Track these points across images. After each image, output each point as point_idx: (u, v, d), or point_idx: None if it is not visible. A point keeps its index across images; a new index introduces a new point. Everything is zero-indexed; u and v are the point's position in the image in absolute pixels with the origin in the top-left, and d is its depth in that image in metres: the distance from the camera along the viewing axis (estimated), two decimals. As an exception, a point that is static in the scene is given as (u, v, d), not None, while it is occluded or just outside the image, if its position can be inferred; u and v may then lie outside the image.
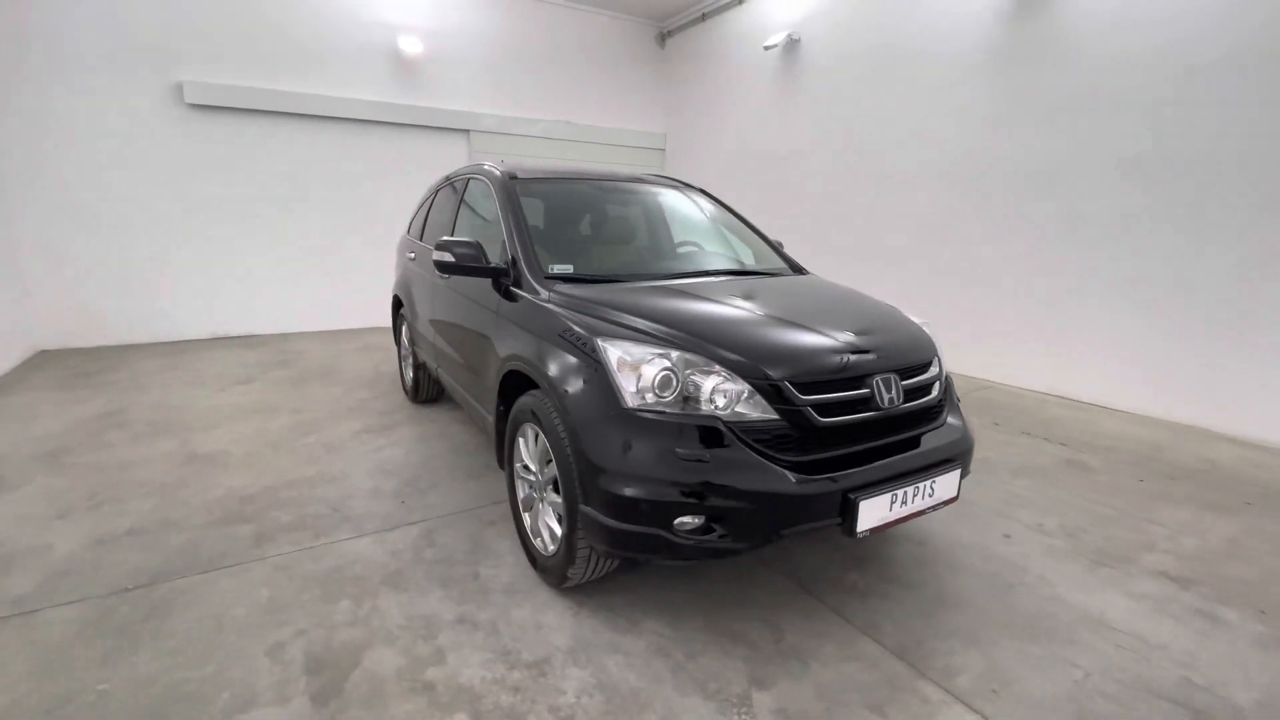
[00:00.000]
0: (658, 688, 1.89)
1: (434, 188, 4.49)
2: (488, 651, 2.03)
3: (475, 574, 2.47)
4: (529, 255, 2.69)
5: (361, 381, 5.34)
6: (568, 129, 8.76)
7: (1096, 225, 4.79)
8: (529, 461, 2.45)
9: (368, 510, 3.00)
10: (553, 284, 2.53)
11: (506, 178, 3.16)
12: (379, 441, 3.92)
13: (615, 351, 2.02)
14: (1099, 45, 4.63)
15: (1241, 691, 1.91)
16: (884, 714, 1.80)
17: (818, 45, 6.86)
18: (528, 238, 2.79)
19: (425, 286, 3.90)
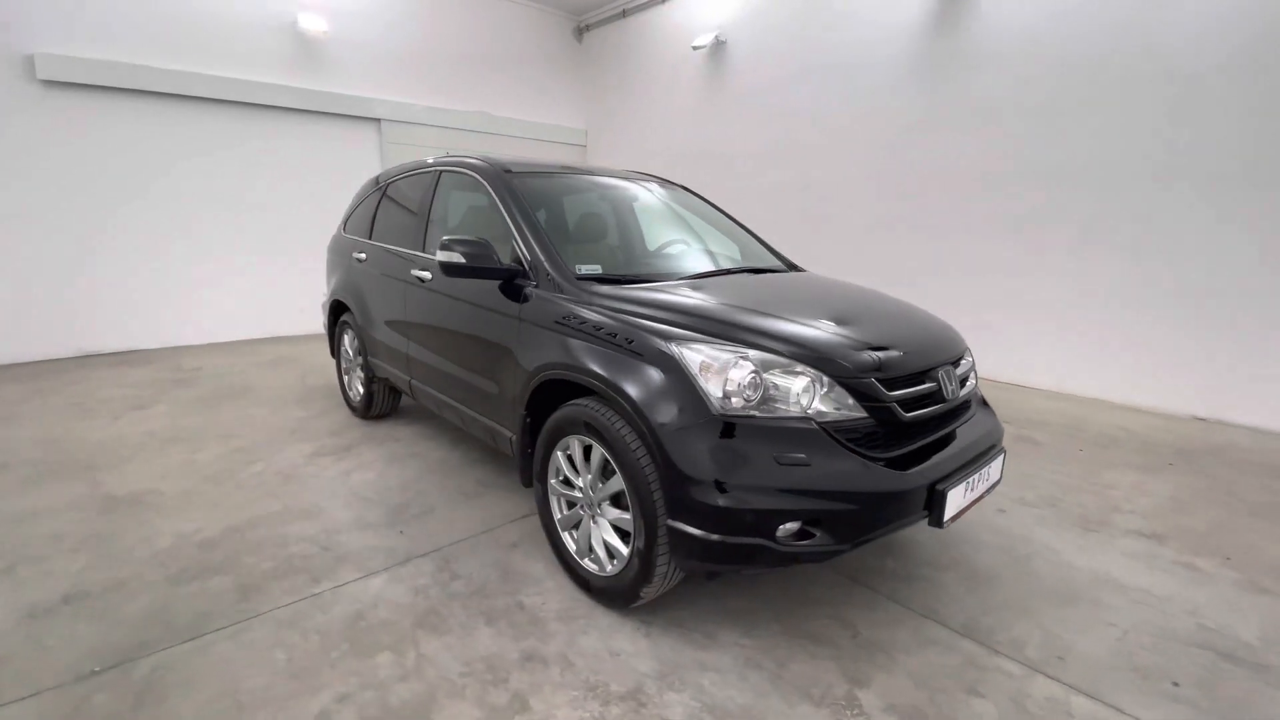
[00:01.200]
0: (765, 701, 1.83)
1: (380, 181, 4.08)
2: (571, 689, 1.86)
3: (519, 604, 2.26)
4: (553, 256, 2.50)
5: (289, 399, 4.75)
6: (486, 121, 8.36)
7: (1014, 222, 5.32)
8: (573, 476, 2.28)
9: (364, 545, 2.65)
10: (587, 286, 2.37)
11: (502, 171, 2.93)
12: (341, 466, 3.49)
13: (696, 356, 1.92)
14: (1014, 58, 5.12)
15: (1245, 630, 2.18)
16: (982, 695, 1.87)
17: (747, 47, 7.04)
18: (546, 237, 2.59)
19: (390, 290, 3.52)
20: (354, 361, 4.23)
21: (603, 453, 2.11)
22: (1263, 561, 2.62)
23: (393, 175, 3.96)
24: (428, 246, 3.31)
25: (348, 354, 4.33)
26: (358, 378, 4.22)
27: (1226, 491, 3.32)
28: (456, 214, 3.32)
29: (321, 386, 5.11)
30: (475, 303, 2.75)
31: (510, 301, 2.56)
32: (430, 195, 3.37)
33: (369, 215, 4.06)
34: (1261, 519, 3.01)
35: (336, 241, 4.51)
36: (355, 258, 4.01)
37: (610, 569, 2.18)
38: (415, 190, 3.59)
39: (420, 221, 3.38)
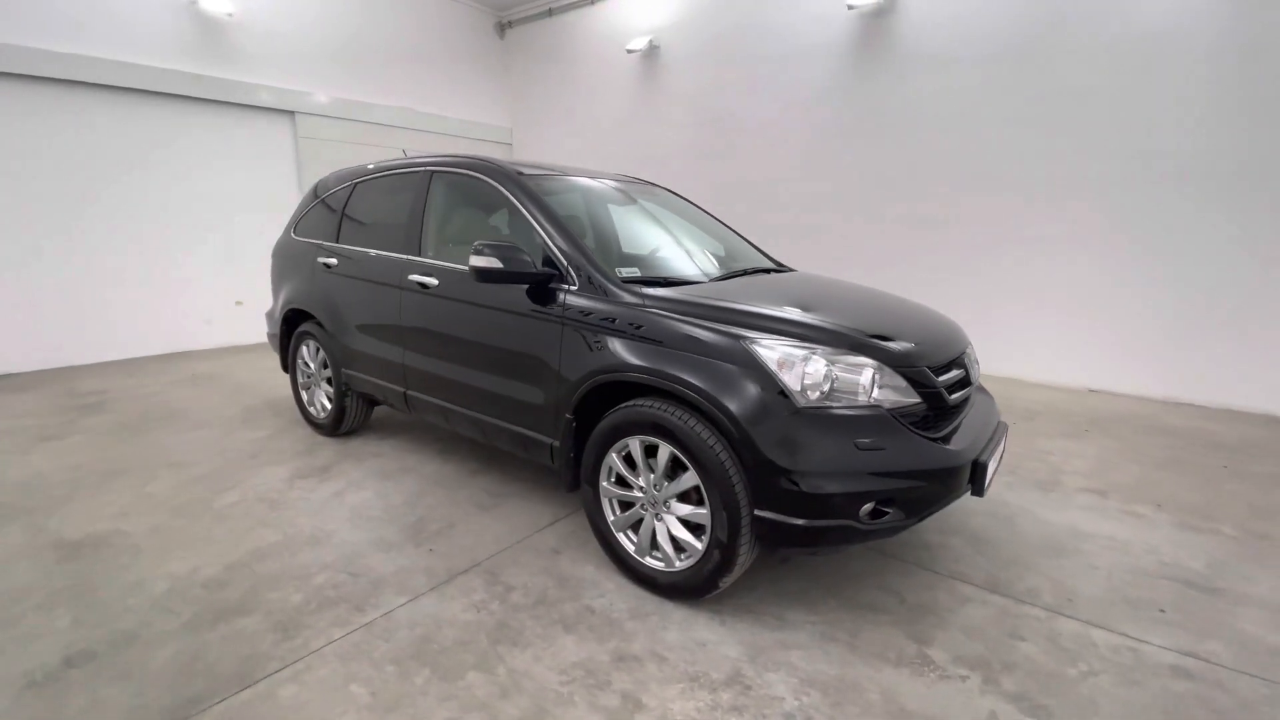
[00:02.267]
0: (852, 670, 1.98)
1: (344, 183, 3.81)
2: (675, 682, 1.91)
3: (588, 608, 2.26)
4: (593, 259, 2.51)
5: (232, 420, 4.31)
6: (410, 117, 7.96)
7: (930, 223, 5.91)
8: (631, 477, 2.32)
9: (396, 567, 2.51)
10: (633, 289, 2.40)
11: (515, 173, 2.87)
12: (329, 487, 3.25)
13: (772, 353, 2.03)
14: (937, 66, 5.68)
15: (1193, 562, 2.64)
16: (1024, 638, 2.13)
17: (681, 52, 7.24)
18: (578, 240, 2.59)
19: (376, 297, 3.32)
20: (318, 375, 3.93)
21: (671, 451, 2.16)
22: (1184, 505, 3.16)
23: (360, 175, 3.72)
24: (425, 250, 3.16)
25: (307, 367, 4.01)
26: (323, 392, 3.92)
27: (1136, 450, 3.94)
28: (457, 217, 3.20)
29: (262, 404, 4.67)
30: (501, 308, 2.68)
31: (545, 306, 2.53)
32: (422, 197, 3.21)
33: (333, 218, 3.79)
34: (1170, 471, 3.61)
35: (286, 246, 4.15)
36: (321, 263, 3.72)
37: (680, 564, 2.24)
38: (399, 192, 3.41)
39: (412, 225, 3.21)
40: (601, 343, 2.35)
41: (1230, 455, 3.84)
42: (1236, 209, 4.57)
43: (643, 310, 2.30)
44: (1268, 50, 4.34)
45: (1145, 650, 2.08)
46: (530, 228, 2.70)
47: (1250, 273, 4.59)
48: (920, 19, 5.68)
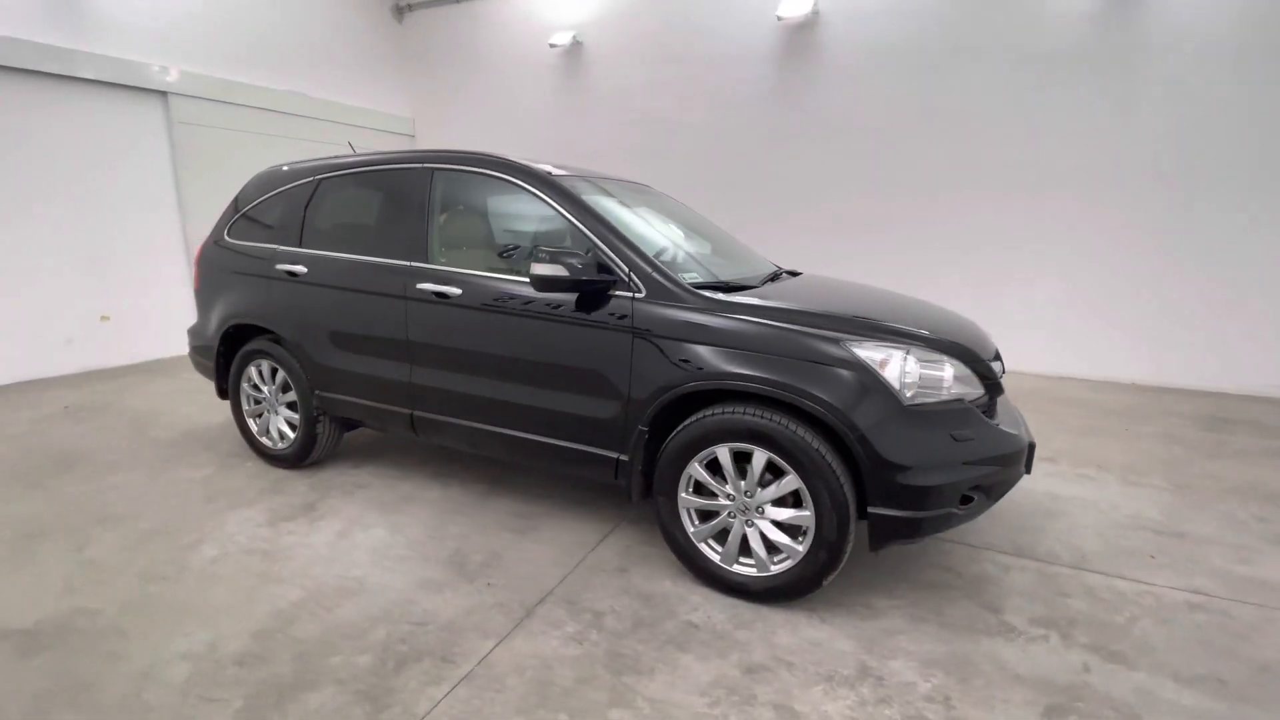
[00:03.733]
0: (956, 645, 2.12)
1: (299, 180, 3.34)
2: (813, 684, 1.94)
3: (690, 624, 2.22)
4: (658, 264, 2.44)
5: (153, 459, 3.63)
6: (302, 103, 7.12)
7: (848, 226, 6.40)
8: (716, 485, 2.29)
9: (462, 608, 2.28)
10: (704, 294, 2.37)
11: (547, 174, 2.70)
12: (327, 528, 2.86)
13: (875, 353, 2.11)
14: (862, 77, 6.12)
15: (1150, 512, 3.14)
16: (1069, 594, 2.42)
17: (607, 50, 7.16)
18: (637, 245, 2.50)
19: (371, 310, 2.95)
20: (274, 399, 3.42)
21: (768, 456, 2.18)
22: (1117, 465, 3.73)
23: (324, 170, 3.28)
24: (433, 256, 2.87)
25: (257, 391, 3.47)
26: (282, 418, 3.42)
27: (1057, 421, 4.58)
28: (474, 220, 2.94)
29: (181, 437, 3.98)
30: (551, 319, 2.52)
31: (606, 316, 2.42)
32: (425, 197, 2.90)
33: (291, 219, 3.30)
34: (1090, 437, 4.25)
35: (218, 253, 3.56)
36: (282, 271, 3.23)
37: (775, 567, 2.26)
38: (389, 191, 3.06)
39: (415, 228, 2.89)
40: (683, 352, 2.29)
41: (1124, 420, 4.60)
42: (1122, 208, 5.42)
43: (723, 316, 2.28)
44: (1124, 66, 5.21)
45: (1160, 592, 2.46)
46: (575, 232, 2.56)
47: (1130, 260, 5.49)
48: (841, 34, 6.11)
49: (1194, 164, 5.07)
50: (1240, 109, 4.89)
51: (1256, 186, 4.92)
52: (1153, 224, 5.30)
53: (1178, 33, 4.98)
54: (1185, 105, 5.03)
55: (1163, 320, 5.37)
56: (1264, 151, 4.86)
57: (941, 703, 1.88)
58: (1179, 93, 5.03)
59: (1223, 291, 5.16)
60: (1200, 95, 4.98)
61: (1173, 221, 5.22)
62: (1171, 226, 5.23)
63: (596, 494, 3.21)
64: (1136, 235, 5.36)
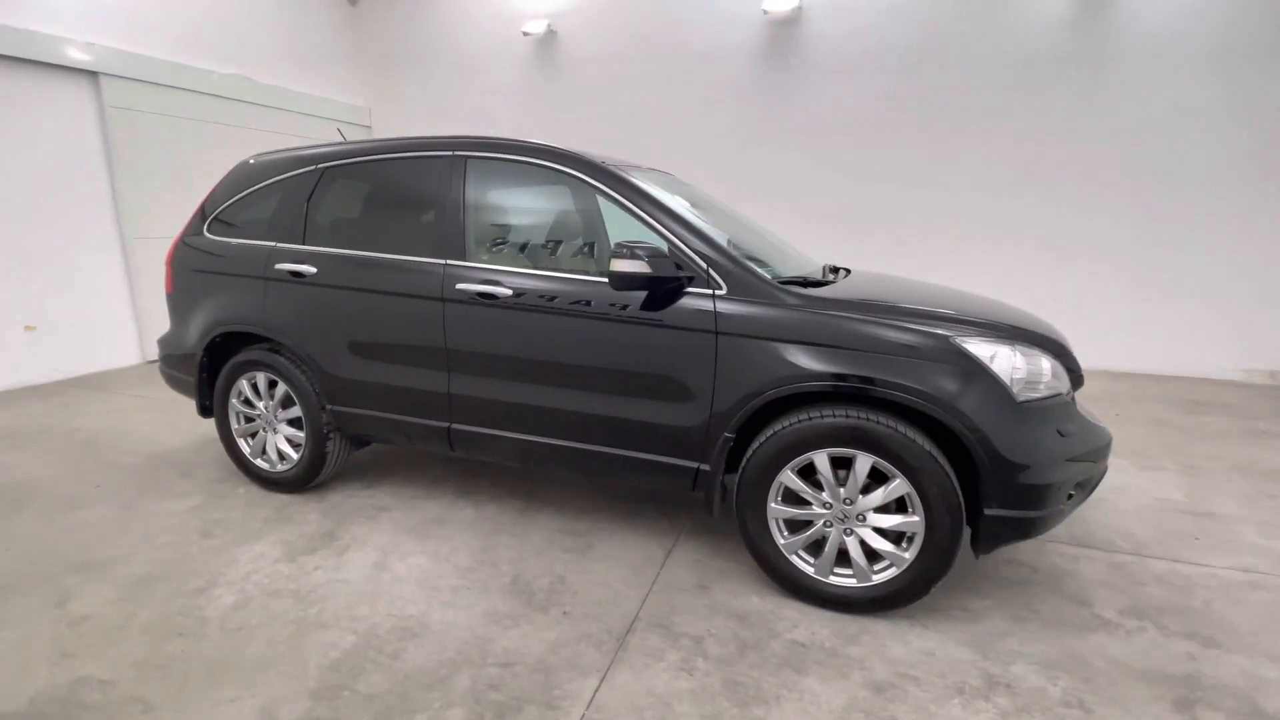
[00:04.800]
0: (1066, 643, 2.09)
1: (297, 169, 2.97)
2: (949, 699, 1.85)
3: (797, 643, 2.08)
4: (742, 261, 2.28)
5: (121, 488, 3.16)
6: (247, 87, 6.48)
7: (831, 223, 6.45)
8: (814, 493, 2.17)
9: (546, 644, 2.06)
10: (791, 291, 2.24)
11: (603, 165, 2.50)
12: (360, 559, 2.55)
13: (984, 350, 2.04)
14: (839, 79, 6.15)
15: (1174, 494, 3.26)
16: (1143, 582, 2.44)
17: (583, 41, 6.90)
18: (716, 240, 2.33)
19: (401, 313, 2.65)
20: (272, 416, 3.03)
21: (872, 461, 2.07)
22: (1128, 451, 3.88)
23: (326, 159, 2.93)
24: (471, 254, 2.60)
25: (247, 408, 3.07)
26: (282, 436, 3.05)
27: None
28: (519, 213, 2.68)
29: (147, 462, 3.49)
30: (621, 320, 2.32)
31: (684, 315, 2.25)
32: (458, 189, 2.62)
33: (291, 213, 2.93)
34: (1088, 422, 4.41)
35: (196, 252, 3.13)
36: (283, 272, 2.86)
37: (878, 576, 2.16)
38: (412, 182, 2.76)
39: (448, 222, 2.61)
40: (778, 352, 2.15)
41: (1113, 405, 4.82)
42: (1096, 206, 5.67)
43: (820, 313, 2.16)
44: (1095, 68, 5.47)
45: (1219, 573, 2.53)
46: (642, 226, 2.37)
47: (1104, 255, 5.76)
48: (824, 31, 6.12)
49: (1163, 163, 5.38)
50: (1206, 110, 5.21)
51: (1221, 185, 5.26)
52: (1124, 221, 5.59)
53: (1147, 36, 5.26)
54: (1154, 106, 5.32)
55: (1135, 310, 5.68)
56: (1229, 151, 5.19)
57: (1078, 707, 1.83)
58: (1148, 94, 5.32)
59: (1189, 283, 5.50)
60: (1168, 96, 5.28)
61: (1141, 218, 5.52)
62: (1140, 223, 5.53)
63: (645, 504, 3.03)
64: (1109, 232, 5.64)
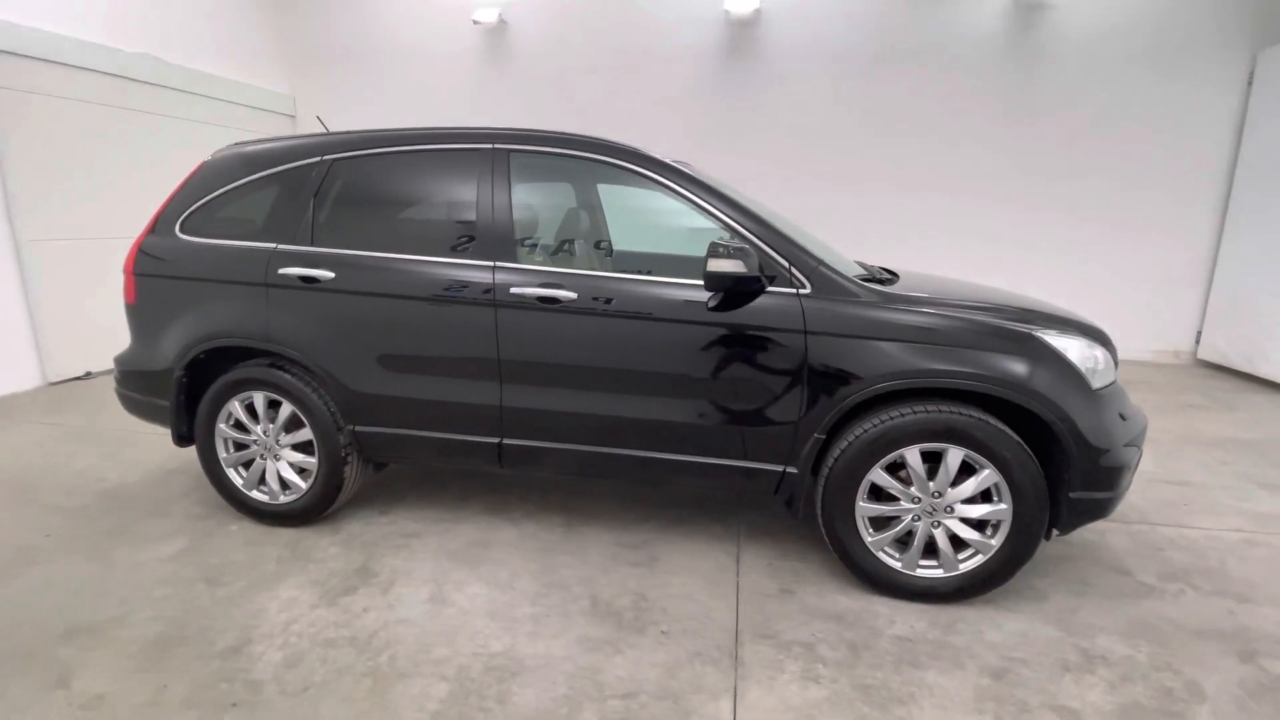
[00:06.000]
0: (1130, 611, 2.25)
1: (300, 159, 2.64)
2: (1059, 677, 1.93)
3: (901, 639, 2.10)
4: (819, 259, 2.26)
5: (82, 539, 2.68)
6: (155, 69, 5.70)
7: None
8: (901, 489, 2.20)
9: (659, 665, 1.95)
10: (872, 288, 2.25)
11: (661, 159, 2.40)
12: (413, 595, 2.29)
13: (1060, 341, 2.15)
14: (789, 86, 6.31)
15: (1144, 464, 3.61)
16: (1164, 548, 2.68)
17: (535, 32, 6.65)
18: (794, 239, 2.30)
19: (450, 320, 2.40)
20: (273, 441, 2.67)
21: (964, 453, 2.13)
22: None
23: (333, 149, 2.61)
24: (522, 255, 2.41)
25: (239, 433, 2.69)
26: (286, 463, 2.69)
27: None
28: (571, 212, 2.51)
29: (100, 501, 2.98)
30: (700, 322, 2.23)
31: (766, 316, 2.20)
32: (503, 185, 2.42)
33: (293, 211, 2.58)
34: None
35: (164, 255, 2.70)
36: (290, 277, 2.51)
37: (964, 565, 2.22)
38: (443, 177, 2.52)
39: (498, 221, 2.40)
40: (869, 350, 2.15)
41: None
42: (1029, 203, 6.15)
43: (907, 310, 2.19)
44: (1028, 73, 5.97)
45: (1218, 534, 2.82)
46: (719, 224, 2.30)
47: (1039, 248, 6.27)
48: (782, 34, 6.26)
49: (1085, 163, 5.95)
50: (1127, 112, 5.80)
51: (1138, 185, 5.89)
52: (1049, 217, 6.13)
53: (1076, 42, 5.77)
54: (1079, 109, 5.86)
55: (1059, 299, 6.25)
56: (1145, 152, 5.81)
57: (1168, 669, 1.97)
58: (1074, 98, 5.86)
59: (1106, 273, 6.13)
60: (1091, 100, 5.83)
61: (1068, 214, 6.08)
62: (1068, 218, 6.09)
63: (693, 510, 2.94)
64: (1040, 227, 6.17)
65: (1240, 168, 5.56)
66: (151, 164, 5.44)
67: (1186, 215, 5.91)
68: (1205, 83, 5.61)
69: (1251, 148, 5.43)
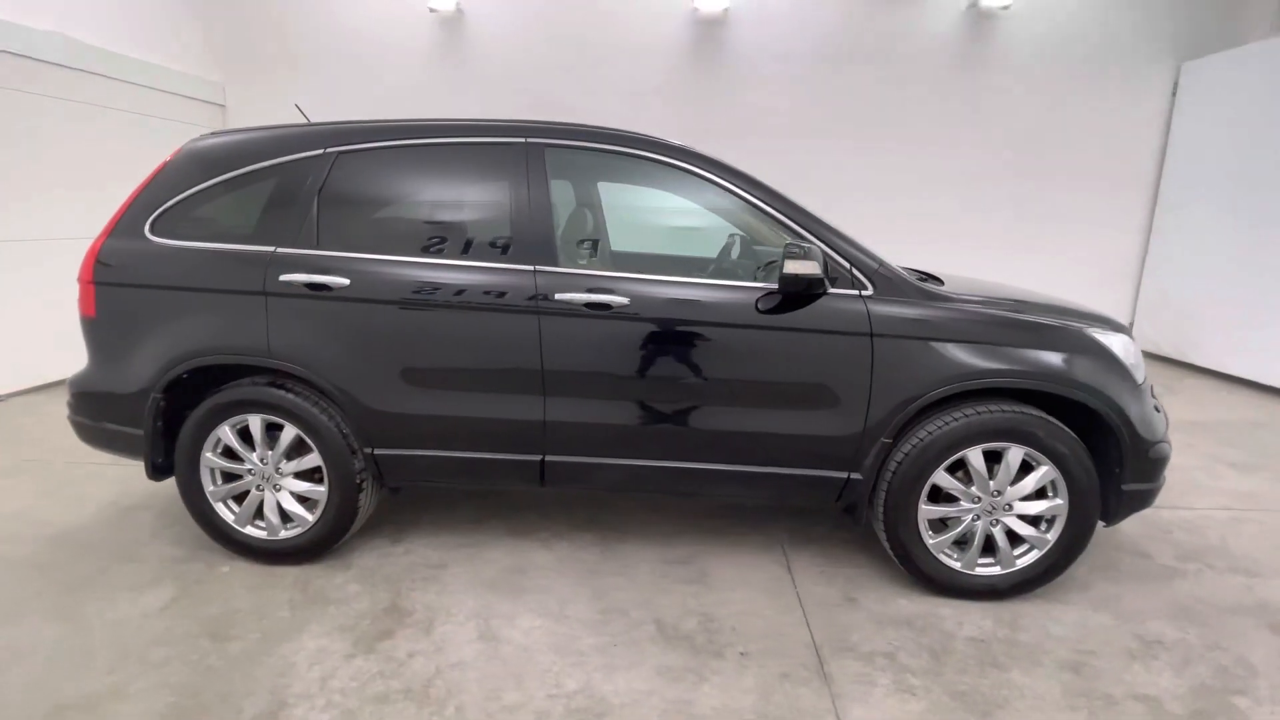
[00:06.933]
0: (1166, 594, 2.36)
1: (295, 152, 2.34)
2: (1130, 665, 1.98)
3: (976, 640, 2.10)
4: (880, 259, 2.23)
5: (46, 595, 2.28)
6: (67, 50, 5.00)
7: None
8: (962, 489, 2.20)
9: (750, 691, 1.85)
10: (928, 289, 2.24)
11: (722, 160, 2.30)
12: (458, 633, 2.08)
13: (1106, 339, 2.21)
14: (772, 82, 6.34)
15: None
16: (1169, 530, 2.84)
17: (499, 24, 6.33)
18: (854, 240, 2.25)
19: (485, 330, 2.20)
20: (272, 470, 2.36)
21: (1024, 452, 2.15)
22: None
23: (337, 139, 2.32)
24: (562, 258, 2.23)
25: (230, 461, 2.36)
26: (287, 494, 2.39)
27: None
28: (618, 212, 2.36)
29: (47, 551, 2.55)
30: (764, 326, 2.14)
31: (829, 318, 2.15)
32: (541, 184, 2.23)
33: (292, 209, 2.28)
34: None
35: (132, 261, 2.33)
36: (295, 284, 2.22)
37: (1021, 561, 2.26)
38: (469, 173, 2.32)
39: (536, 222, 2.21)
40: (936, 351, 2.14)
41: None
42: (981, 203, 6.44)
43: (972, 312, 2.20)
44: (975, 78, 6.26)
45: (1208, 513, 3.03)
46: (775, 224, 2.24)
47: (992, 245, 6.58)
48: (749, 33, 6.28)
49: (1032, 165, 6.31)
50: (1066, 118, 6.18)
51: (1076, 187, 6.29)
52: (1000, 216, 6.47)
53: (1018, 55, 6.12)
54: (1023, 115, 6.21)
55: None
56: (1082, 156, 6.22)
57: (1218, 648, 2.07)
58: (1019, 105, 6.20)
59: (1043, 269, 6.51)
60: (1034, 107, 6.19)
61: (1014, 213, 6.44)
62: (1013, 218, 6.45)
63: (729, 519, 2.85)
64: (988, 226, 6.49)
65: (1166, 170, 6.07)
66: (65, 156, 4.79)
67: (1119, 214, 6.40)
68: (1135, 92, 6.09)
69: (1176, 151, 5.94)
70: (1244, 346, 5.19)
